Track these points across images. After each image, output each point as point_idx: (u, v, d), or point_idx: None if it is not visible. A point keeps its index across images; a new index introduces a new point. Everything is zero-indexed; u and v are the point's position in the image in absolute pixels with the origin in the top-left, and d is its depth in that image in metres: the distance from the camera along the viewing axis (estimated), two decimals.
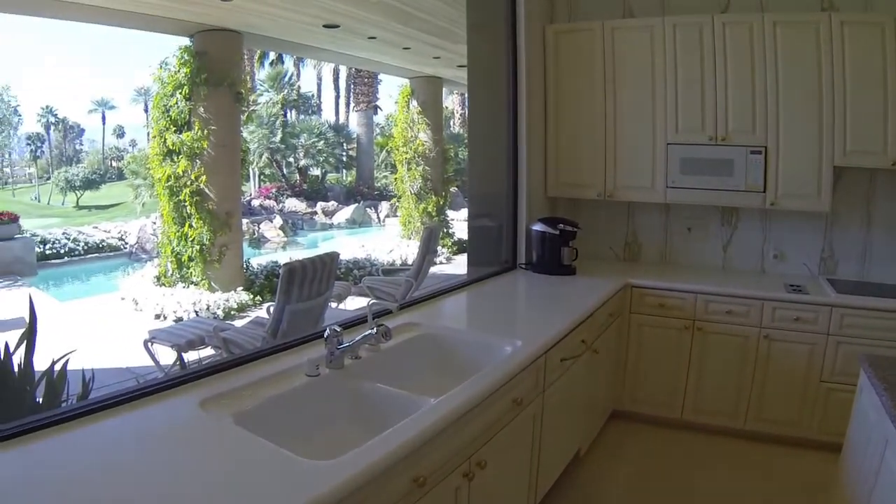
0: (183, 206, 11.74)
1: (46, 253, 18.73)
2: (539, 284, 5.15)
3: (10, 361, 3.52)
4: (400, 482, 2.29)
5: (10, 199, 36.43)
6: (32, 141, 45.45)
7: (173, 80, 11.48)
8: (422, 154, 16.90)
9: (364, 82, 32.60)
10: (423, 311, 4.35)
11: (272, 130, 30.12)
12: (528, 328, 3.99)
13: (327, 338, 3.09)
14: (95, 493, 1.96)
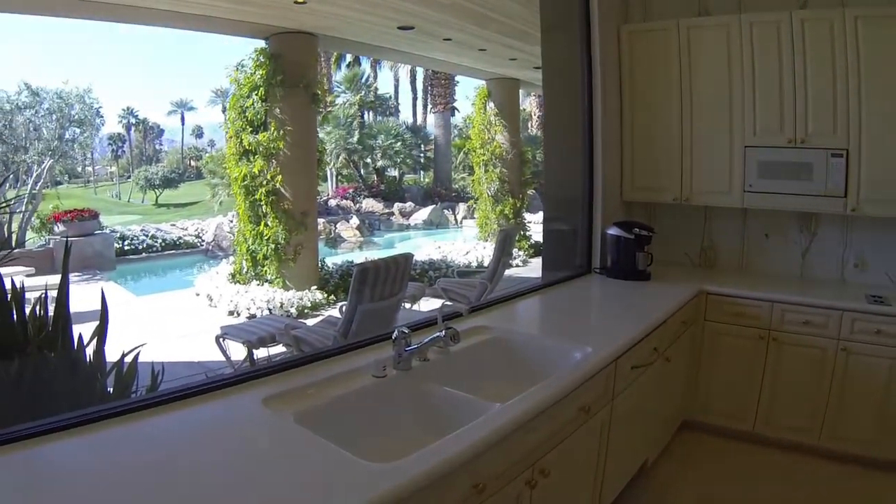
0: (259, 206, 11.88)
1: (125, 249, 19.22)
2: (612, 289, 5.08)
3: (84, 352, 3.60)
4: (458, 488, 2.27)
5: (91, 197, 37.38)
6: (114, 141, 46.70)
7: (249, 81, 11.65)
8: (499, 156, 16.79)
9: (441, 84, 32.59)
10: (494, 314, 4.31)
11: (349, 131, 30.30)
12: (600, 334, 3.90)
13: (395, 339, 3.10)
14: (154, 483, 2.03)
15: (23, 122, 18.41)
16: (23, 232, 17.63)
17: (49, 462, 2.23)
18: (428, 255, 15.48)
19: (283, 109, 11.62)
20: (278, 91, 11.48)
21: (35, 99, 18.89)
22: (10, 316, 3.44)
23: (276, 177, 11.65)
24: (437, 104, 33.44)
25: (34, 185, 18.53)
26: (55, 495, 1.98)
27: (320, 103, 12.46)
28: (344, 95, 33.17)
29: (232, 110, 12.19)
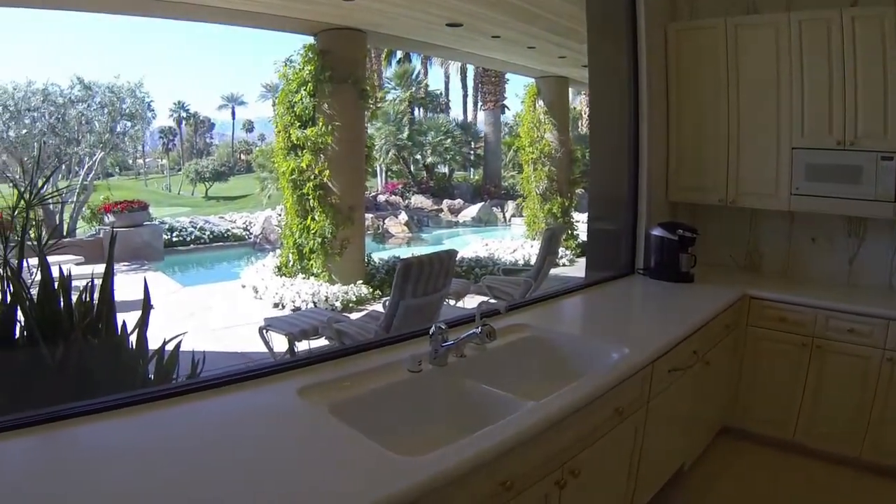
0: (306, 200, 12.04)
1: (173, 240, 19.60)
2: (655, 291, 5.04)
3: (127, 338, 3.70)
4: (486, 485, 2.29)
5: (142, 189, 38.05)
6: (165, 134, 47.46)
7: (298, 77, 11.79)
8: (548, 154, 16.72)
9: (491, 81, 32.48)
10: (533, 312, 4.32)
11: (399, 127, 30.38)
12: (638, 335, 3.88)
13: (432, 334, 3.12)
14: (190, 465, 2.13)
15: (75, 115, 18.70)
16: (74, 221, 18.03)
17: (92, 440, 2.33)
18: (475, 253, 15.49)
19: (332, 105, 11.73)
20: (327, 87, 11.60)
21: (87, 93, 19.18)
22: (56, 302, 3.53)
23: (324, 171, 11.78)
24: (488, 101, 33.35)
25: (86, 177, 18.94)
26: (97, 472, 2.10)
27: (369, 99, 12.50)
28: (394, 92, 33.25)
29: (280, 105, 12.36)
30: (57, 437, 2.33)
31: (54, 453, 2.26)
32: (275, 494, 1.94)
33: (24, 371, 3.30)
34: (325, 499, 1.94)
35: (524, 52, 13.16)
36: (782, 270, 5.60)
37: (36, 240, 3.89)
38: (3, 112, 17.87)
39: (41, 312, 3.45)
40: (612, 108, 5.55)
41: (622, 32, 5.32)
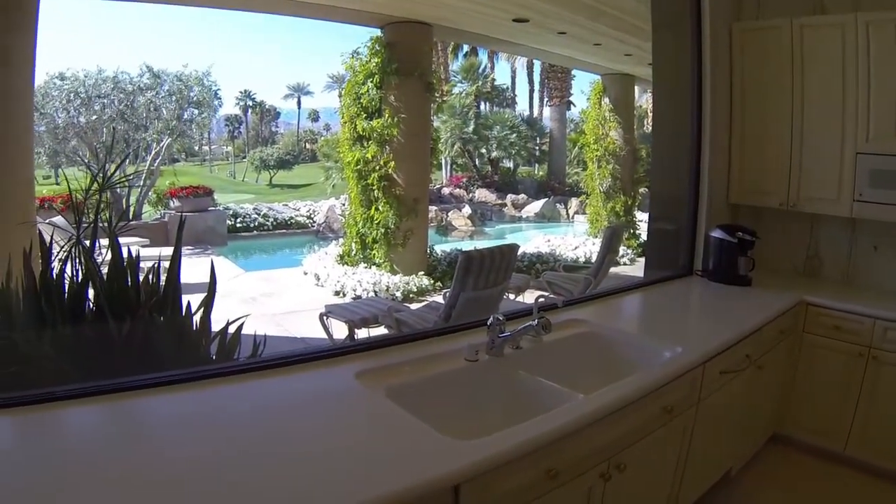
0: (371, 190, 12.20)
1: (237, 226, 19.87)
2: (711, 293, 5.00)
3: (191, 318, 3.85)
4: (532, 472, 2.38)
5: (207, 175, 38.63)
6: (230, 122, 48.04)
7: (365, 68, 11.93)
8: (612, 152, 16.61)
9: (558, 77, 32.28)
10: (590, 308, 4.40)
11: (465, 121, 30.40)
12: (692, 336, 3.90)
13: (490, 325, 3.23)
14: (247, 437, 2.31)
15: (144, 102, 19.09)
16: (140, 205, 18.40)
17: (156, 411, 2.55)
18: (536, 248, 15.44)
19: (398, 97, 11.83)
20: (393, 79, 11.71)
21: (156, 81, 19.57)
22: (125, 281, 3.70)
23: (389, 163, 11.93)
24: (554, 97, 33.18)
25: (152, 162, 19.36)
26: (160, 440, 2.32)
27: (435, 92, 12.57)
28: (460, 85, 33.25)
29: (347, 96, 12.52)
30: (123, 406, 2.54)
31: (120, 420, 2.49)
32: (329, 468, 2.10)
33: (92, 344, 3.48)
34: (375, 475, 2.06)
35: (590, 48, 13.10)
36: (842, 278, 5.45)
37: (106, 221, 4.03)
38: (74, 98, 18.35)
39: (110, 290, 3.62)
40: (675, 107, 5.54)
41: (687, 31, 5.28)
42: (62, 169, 18.84)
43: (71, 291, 3.67)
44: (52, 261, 3.75)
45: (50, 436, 2.36)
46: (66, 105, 18.39)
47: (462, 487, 2.12)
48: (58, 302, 3.58)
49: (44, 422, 2.41)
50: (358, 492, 1.95)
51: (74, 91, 18.38)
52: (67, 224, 9.16)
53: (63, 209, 14.99)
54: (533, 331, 3.32)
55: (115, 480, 2.00)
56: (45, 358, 3.32)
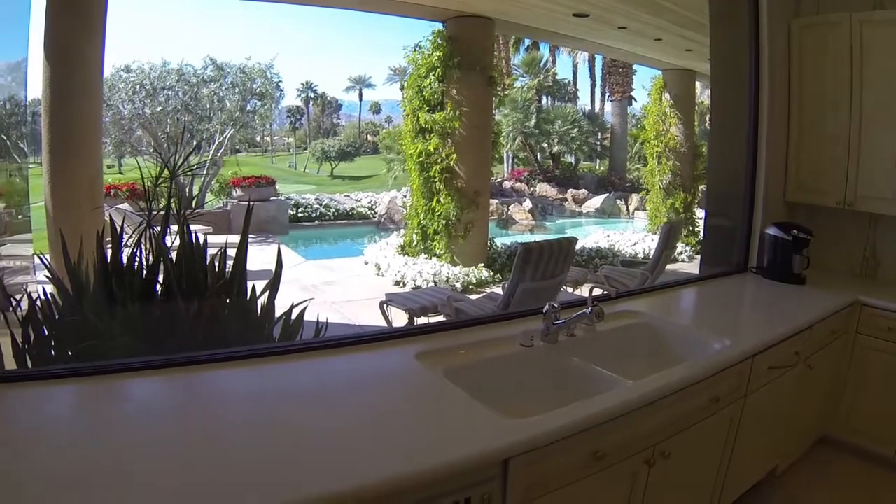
0: (432, 182, 12.38)
1: (298, 216, 20.36)
2: (764, 290, 4.98)
3: (256, 301, 4.02)
4: (579, 452, 2.51)
5: (268, 165, 39.14)
6: (292, 114, 48.46)
7: (427, 62, 12.07)
8: (673, 148, 16.50)
9: (619, 72, 32.05)
10: (644, 301, 4.52)
11: (527, 115, 30.28)
12: (742, 330, 3.91)
13: (545, 313, 3.34)
14: (309, 409, 2.52)
15: (207, 94, 19.46)
16: (203, 194, 18.73)
17: (220, 384, 2.79)
18: (596, 243, 15.53)
19: (460, 91, 11.99)
20: (455, 73, 11.84)
21: (219, 73, 19.92)
22: (195, 264, 3.91)
23: (451, 155, 12.10)
24: (615, 92, 32.95)
25: (215, 152, 19.67)
26: (224, 409, 2.55)
27: (496, 86, 12.62)
28: (522, 79, 33.18)
29: (409, 89, 12.71)
30: (190, 379, 2.78)
31: (186, 390, 2.73)
32: (389, 438, 2.28)
33: (162, 322, 3.69)
34: (432, 445, 2.24)
35: (650, 44, 13.03)
36: None
37: (175, 208, 4.22)
38: (139, 90, 18.79)
39: (179, 273, 3.81)
40: (732, 103, 5.51)
41: (745, 27, 5.24)
42: (127, 158, 19.34)
43: (141, 273, 3.85)
44: (122, 245, 3.96)
45: (118, 402, 2.62)
46: (131, 97, 18.88)
47: (511, 462, 2.27)
48: (128, 283, 3.77)
49: (113, 390, 2.66)
50: (417, 460, 2.11)
51: (140, 83, 18.86)
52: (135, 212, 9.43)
53: (128, 197, 15.39)
54: (586, 319, 3.44)
55: (176, 442, 2.22)
56: (115, 334, 3.52)
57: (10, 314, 3.63)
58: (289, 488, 1.92)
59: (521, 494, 2.34)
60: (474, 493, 2.20)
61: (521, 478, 2.31)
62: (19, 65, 8.36)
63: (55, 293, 3.84)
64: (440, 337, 3.40)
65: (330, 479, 1.98)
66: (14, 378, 2.72)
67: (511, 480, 2.28)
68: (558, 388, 3.13)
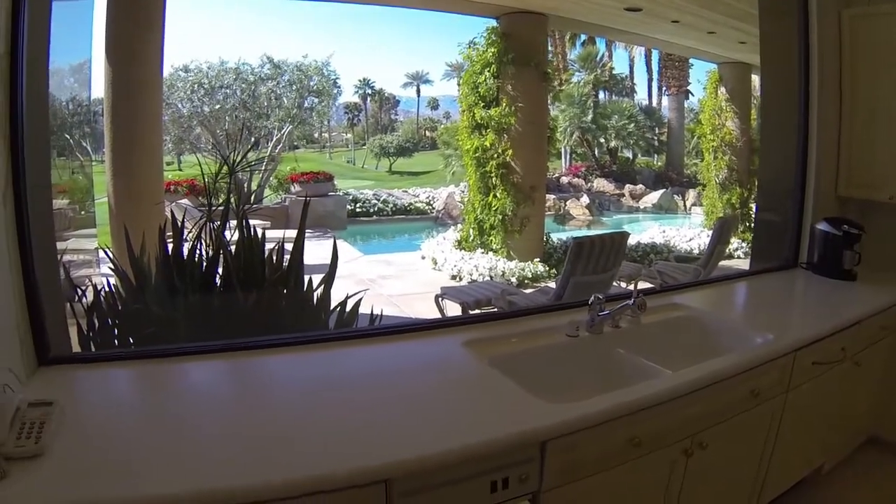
0: (489, 177, 12.53)
1: (356, 211, 20.66)
2: (813, 286, 4.91)
3: (312, 292, 4.21)
4: (614, 438, 2.61)
5: (326, 161, 39.40)
6: (350, 110, 48.54)
7: (482, 58, 12.21)
8: (728, 143, 16.36)
9: (675, 66, 31.74)
10: (691, 295, 4.51)
11: (583, 110, 30.20)
12: (786, 325, 3.85)
13: (591, 304, 3.42)
14: (362, 391, 2.70)
15: (265, 91, 19.77)
16: (261, 190, 19.04)
17: (275, 367, 2.98)
18: (651, 239, 15.50)
19: (515, 86, 12.09)
20: (509, 68, 11.97)
21: (276, 71, 20.22)
22: (253, 256, 4.11)
23: (507, 151, 12.24)
24: (671, 86, 32.67)
25: (273, 149, 20.02)
26: (279, 389, 2.78)
27: (551, 82, 12.69)
28: (578, 74, 33.05)
29: (465, 85, 12.86)
30: (246, 363, 3.00)
31: (243, 373, 2.96)
32: (435, 418, 2.45)
33: (221, 312, 3.91)
34: (475, 425, 2.39)
35: (704, 37, 12.91)
36: None
37: (235, 203, 4.41)
38: (198, 89, 19.25)
39: (238, 265, 4.02)
40: (783, 95, 5.44)
41: (794, 17, 5.18)
42: (186, 155, 19.73)
43: (201, 265, 4.08)
44: (182, 238, 4.18)
45: (177, 381, 2.85)
46: (190, 95, 19.34)
47: (548, 444, 2.40)
48: (189, 274, 3.99)
49: (172, 370, 2.88)
50: (461, 437, 2.26)
51: (198, 82, 19.30)
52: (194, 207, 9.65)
53: (188, 193, 15.72)
54: (630, 310, 3.52)
55: (234, 420, 2.44)
56: (176, 322, 3.75)
57: (76, 304, 3.83)
58: (350, 458, 2.12)
59: (558, 476, 2.45)
60: (512, 474, 2.34)
61: (557, 460, 2.42)
62: (82, 66, 8.62)
63: (118, 284, 4.06)
64: (487, 326, 3.52)
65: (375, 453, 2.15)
66: (81, 359, 2.97)
67: (548, 462, 2.40)
68: (601, 378, 3.19)
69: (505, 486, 2.34)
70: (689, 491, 3.01)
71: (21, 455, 1.98)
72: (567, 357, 3.31)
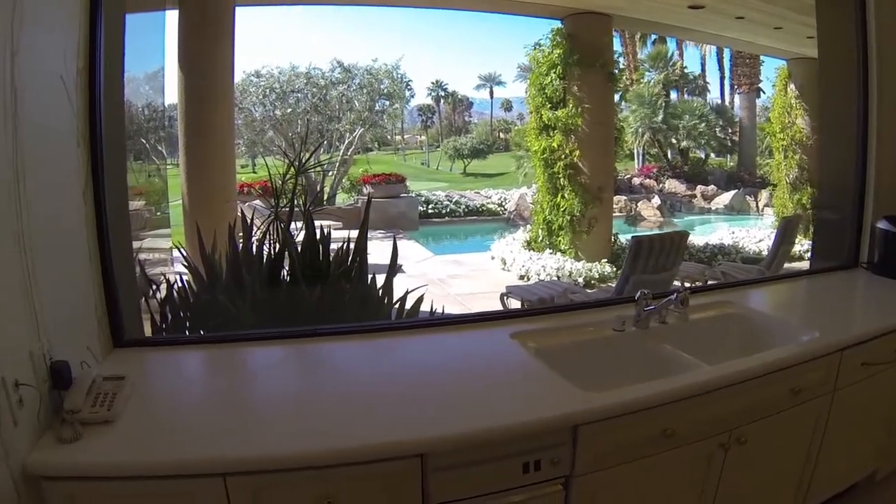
0: (557, 178, 12.64)
1: (429, 212, 20.84)
2: (873, 286, 4.71)
3: (375, 287, 4.47)
4: (648, 428, 2.70)
5: (400, 164, 39.58)
6: (423, 112, 48.64)
7: (547, 59, 12.33)
8: (799, 141, 16.01)
9: (746, 63, 31.15)
10: (743, 292, 4.51)
11: (654, 110, 29.95)
12: (835, 324, 3.70)
13: (637, 299, 3.48)
14: (416, 375, 2.98)
15: (336, 95, 20.12)
16: (333, 191, 19.39)
17: (336, 353, 3.27)
18: (720, 240, 15.29)
19: (581, 87, 12.18)
20: (575, 69, 12.03)
21: (347, 75, 20.57)
22: (318, 253, 4.38)
23: (574, 152, 12.34)
24: (742, 84, 32.11)
25: (345, 151, 20.47)
26: (341, 370, 3.12)
27: (618, 81, 12.74)
28: (648, 74, 32.78)
29: (532, 87, 13.00)
30: (307, 348, 3.31)
31: (305, 358, 3.25)
32: (480, 401, 2.62)
33: (287, 304, 4.18)
34: (515, 408, 2.57)
35: (770, 32, 12.73)
36: None
37: (302, 203, 4.65)
38: (269, 94, 19.77)
39: (303, 259, 4.31)
40: (841, 90, 5.30)
41: (851, 9, 5.05)
42: (259, 158, 20.17)
43: (268, 261, 4.35)
44: (251, 235, 4.47)
45: (242, 362, 3.20)
46: (262, 100, 19.88)
47: (580, 429, 2.52)
48: (257, 269, 4.28)
49: (237, 353, 3.24)
50: (502, 417, 2.46)
51: (270, 87, 19.82)
52: (265, 208, 9.94)
53: (260, 195, 16.07)
54: (673, 304, 3.51)
55: (293, 397, 2.74)
56: (244, 314, 4.01)
57: (151, 300, 4.11)
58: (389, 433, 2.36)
59: (590, 463, 2.56)
60: (544, 457, 2.49)
61: (589, 446, 2.54)
62: (156, 74, 8.92)
63: (191, 280, 4.38)
64: (537, 319, 3.70)
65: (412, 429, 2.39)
66: (152, 343, 3.37)
67: (580, 447, 2.52)
68: (642, 372, 3.20)
69: (537, 468, 2.48)
70: (728, 486, 3.05)
71: (94, 420, 2.29)
72: (611, 350, 3.39)
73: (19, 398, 2.07)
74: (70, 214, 2.63)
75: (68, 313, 2.57)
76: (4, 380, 2.00)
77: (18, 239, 2.10)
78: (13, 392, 2.03)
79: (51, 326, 2.31)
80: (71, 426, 2.21)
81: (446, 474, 2.38)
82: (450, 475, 2.39)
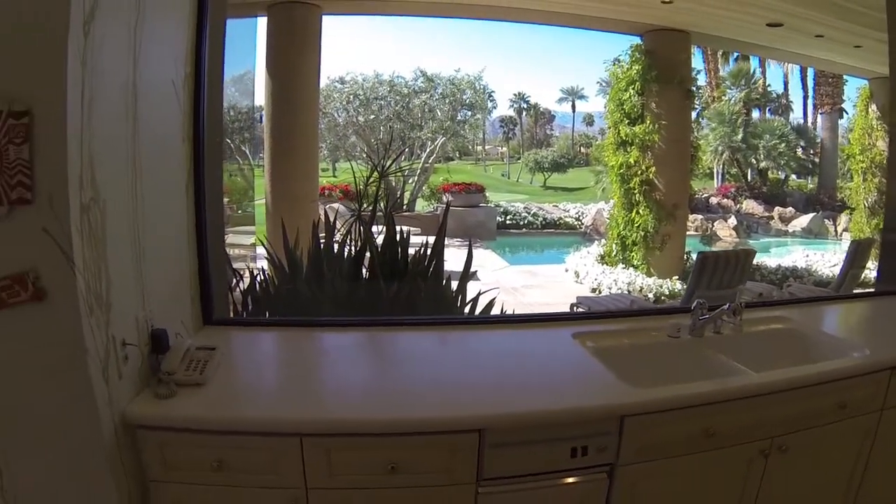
0: (632, 194, 12.76)
1: (506, 223, 21.14)
2: None
3: (449, 287, 4.78)
4: (689, 426, 2.86)
5: (481, 174, 39.58)
6: (505, 123, 48.54)
7: (626, 75, 12.43)
8: (879, 164, 15.54)
9: (828, 82, 30.52)
10: (802, 310, 4.48)
11: (734, 129, 29.64)
12: (889, 345, 3.59)
13: (693, 309, 3.61)
14: (480, 367, 3.24)
15: (418, 104, 20.41)
16: (413, 197, 19.68)
17: (407, 341, 3.60)
18: (794, 262, 15.15)
19: (659, 104, 12.27)
20: (653, 86, 12.11)
21: (430, 84, 20.83)
22: (397, 252, 4.71)
23: (650, 168, 12.44)
24: (825, 104, 31.39)
25: (427, 159, 20.81)
26: (408, 356, 3.42)
27: (695, 99, 12.78)
28: (730, 91, 32.42)
29: (611, 102, 13.13)
30: (381, 336, 3.68)
31: (378, 343, 3.62)
32: (540, 390, 2.90)
33: (365, 297, 4.52)
34: (572, 397, 2.85)
35: (850, 51, 12.47)
36: None
37: (383, 206, 4.98)
38: (353, 100, 20.30)
39: (383, 257, 4.64)
40: None
41: None
42: (341, 163, 20.59)
43: (349, 257, 4.73)
44: (334, 235, 4.90)
45: (315, 343, 3.59)
46: (345, 106, 20.36)
47: (626, 420, 2.71)
48: (338, 264, 4.66)
49: (312, 336, 3.64)
50: (556, 402, 2.76)
51: (353, 93, 20.28)
52: (346, 210, 10.29)
53: (341, 198, 16.49)
54: (726, 314, 3.60)
55: (364, 374, 3.14)
56: (323, 304, 4.40)
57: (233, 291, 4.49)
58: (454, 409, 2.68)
59: (634, 454, 2.75)
60: (591, 443, 2.70)
61: (634, 437, 2.73)
62: (242, 77, 9.34)
63: (272, 273, 4.80)
64: (598, 322, 4.02)
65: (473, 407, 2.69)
66: (238, 323, 3.94)
67: (625, 437, 2.72)
68: (691, 375, 3.23)
69: (584, 453, 2.69)
70: (768, 496, 3.13)
71: (187, 382, 2.67)
72: (664, 355, 3.53)
73: (125, 355, 2.46)
74: (174, 203, 3.02)
75: (168, 290, 2.96)
76: (114, 337, 2.37)
77: (133, 223, 2.49)
78: (120, 350, 2.42)
79: (153, 298, 2.70)
80: (167, 385, 2.57)
81: (501, 451, 2.62)
82: (504, 452, 2.63)
